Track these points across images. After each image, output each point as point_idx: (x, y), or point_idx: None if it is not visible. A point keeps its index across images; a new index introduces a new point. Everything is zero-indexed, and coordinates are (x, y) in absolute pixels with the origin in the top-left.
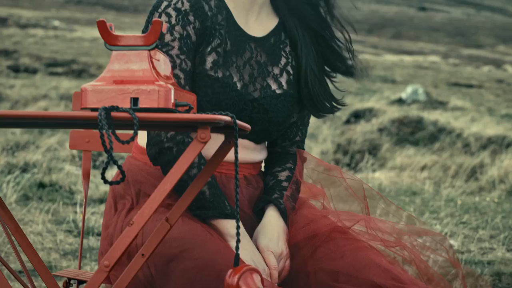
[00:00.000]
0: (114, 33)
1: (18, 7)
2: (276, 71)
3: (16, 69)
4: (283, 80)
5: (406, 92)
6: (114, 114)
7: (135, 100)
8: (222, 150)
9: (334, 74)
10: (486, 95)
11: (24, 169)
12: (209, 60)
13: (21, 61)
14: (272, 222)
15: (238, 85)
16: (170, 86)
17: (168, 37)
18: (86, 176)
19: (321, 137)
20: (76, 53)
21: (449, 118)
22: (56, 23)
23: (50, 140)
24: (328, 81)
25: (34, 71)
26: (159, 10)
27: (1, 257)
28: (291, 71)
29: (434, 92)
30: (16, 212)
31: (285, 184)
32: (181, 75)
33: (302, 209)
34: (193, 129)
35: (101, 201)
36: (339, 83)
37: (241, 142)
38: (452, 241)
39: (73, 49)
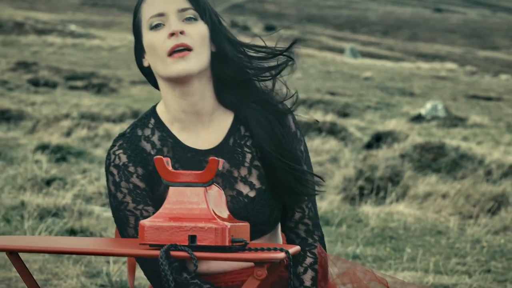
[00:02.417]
0: (171, 170)
1: (34, 10)
2: (244, 172)
3: (36, 83)
4: (253, 178)
5: (425, 108)
6: (173, 253)
7: (192, 238)
8: (275, 270)
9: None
10: (505, 108)
11: (55, 213)
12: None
13: (41, 74)
14: None
15: None
16: (226, 223)
17: (119, 195)
18: (132, 271)
19: (343, 161)
20: (95, 64)
21: (471, 142)
22: (73, 27)
23: (77, 176)
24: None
25: (54, 85)
26: (106, 170)
27: None
28: (260, 164)
29: (453, 106)
30: (50, 265)
31: None
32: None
33: None
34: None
35: None
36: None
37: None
38: None
39: (91, 59)
